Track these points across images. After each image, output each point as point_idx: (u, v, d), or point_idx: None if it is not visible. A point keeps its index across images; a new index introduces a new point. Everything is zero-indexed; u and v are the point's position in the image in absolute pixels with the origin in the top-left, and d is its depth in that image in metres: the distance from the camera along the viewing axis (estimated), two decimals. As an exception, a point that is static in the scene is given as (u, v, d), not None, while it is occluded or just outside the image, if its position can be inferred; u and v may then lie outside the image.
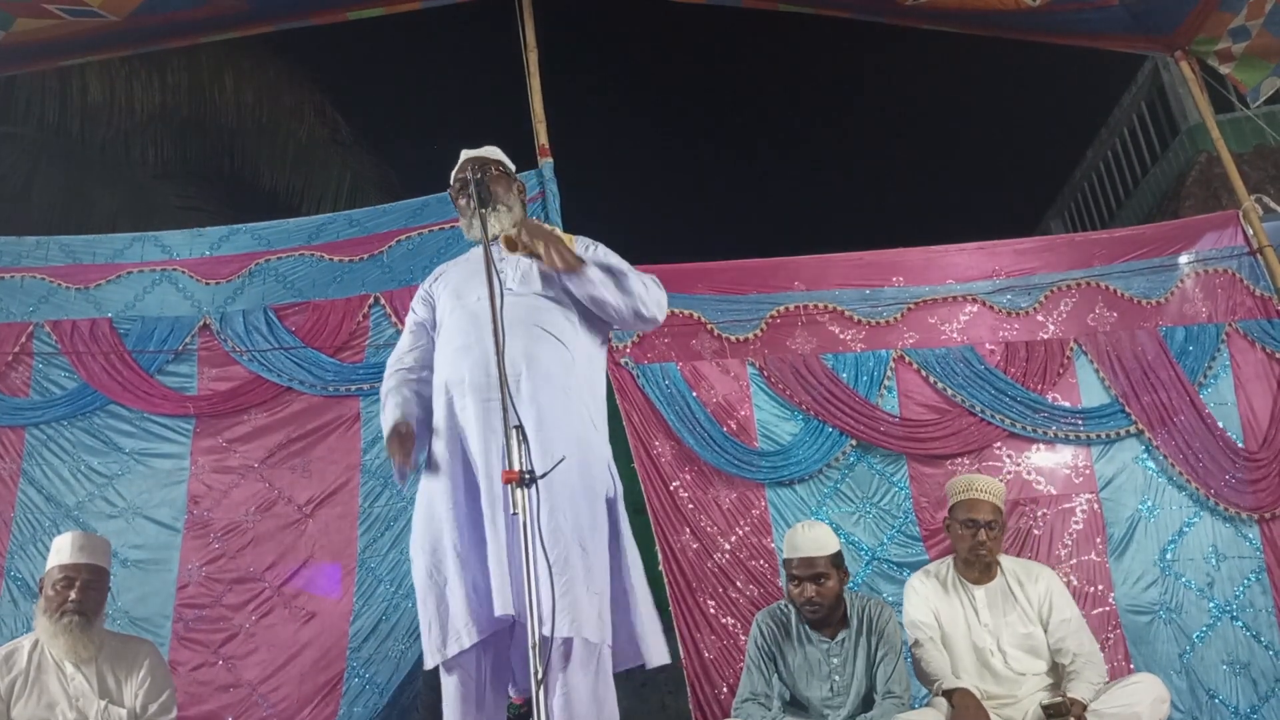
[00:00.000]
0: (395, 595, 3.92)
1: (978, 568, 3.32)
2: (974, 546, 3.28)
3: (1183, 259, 4.54)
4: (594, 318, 2.78)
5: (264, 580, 3.99)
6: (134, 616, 3.89)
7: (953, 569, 3.39)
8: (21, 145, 8.24)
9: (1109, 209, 12.43)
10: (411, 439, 2.63)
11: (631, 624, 2.55)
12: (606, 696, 2.46)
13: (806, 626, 3.22)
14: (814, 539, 3.19)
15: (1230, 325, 4.37)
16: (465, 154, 2.94)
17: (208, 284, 4.39)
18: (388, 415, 2.73)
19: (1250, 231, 4.54)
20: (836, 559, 3.19)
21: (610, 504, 2.60)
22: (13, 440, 4.13)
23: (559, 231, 2.87)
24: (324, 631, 3.91)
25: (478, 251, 2.83)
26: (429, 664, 2.54)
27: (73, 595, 2.99)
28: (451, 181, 2.91)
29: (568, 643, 2.36)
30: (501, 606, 2.34)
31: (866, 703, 3.13)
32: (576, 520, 2.44)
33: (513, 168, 2.96)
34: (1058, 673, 3.24)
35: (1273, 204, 4.71)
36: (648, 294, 2.73)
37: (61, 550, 3.07)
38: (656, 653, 2.56)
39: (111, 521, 4.02)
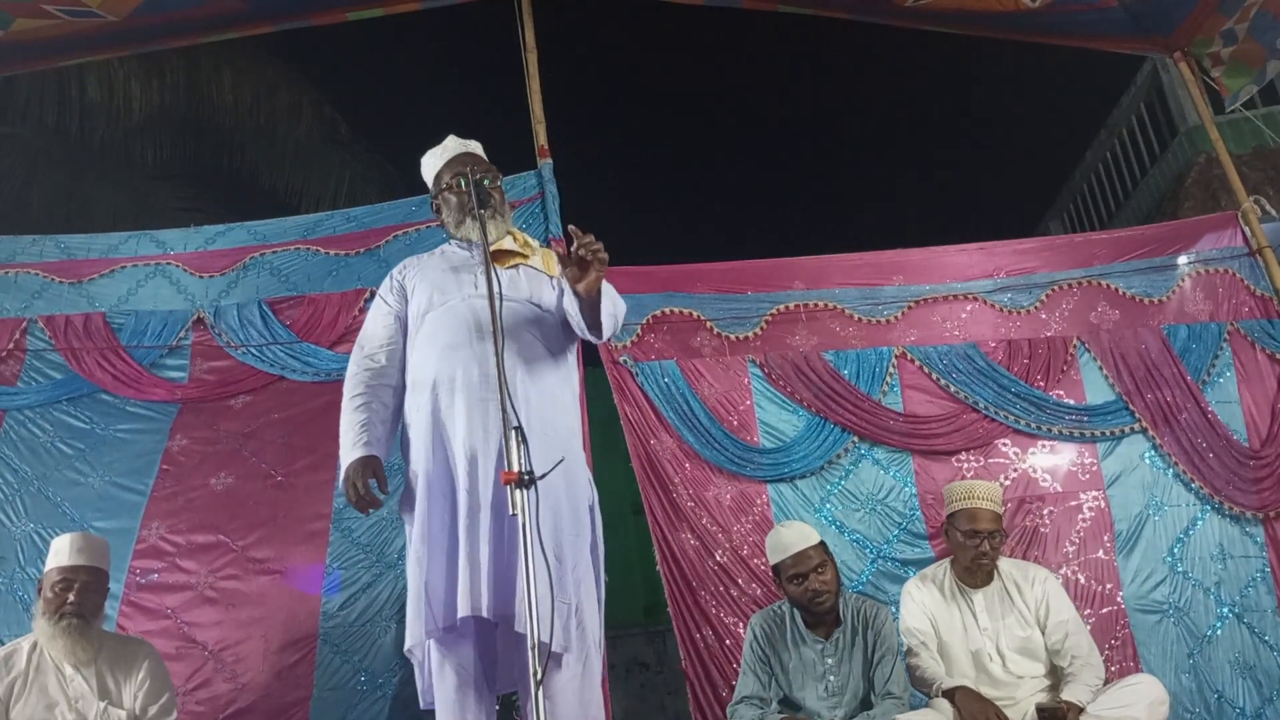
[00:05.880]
0: (377, 564, 3.81)
1: (979, 575, 3.32)
2: (976, 557, 3.27)
3: (1182, 259, 4.54)
4: (569, 327, 2.73)
5: (228, 539, 3.83)
6: None
7: (950, 573, 3.38)
8: (20, 145, 8.24)
9: (1108, 210, 12.44)
10: (378, 476, 2.56)
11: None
12: (592, 700, 2.47)
13: (802, 627, 3.22)
14: (799, 533, 3.24)
15: (1232, 324, 4.37)
16: (455, 144, 2.88)
17: (201, 277, 4.35)
18: (354, 431, 2.60)
19: (1249, 232, 4.55)
20: (824, 546, 3.23)
21: (591, 510, 2.63)
22: None
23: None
24: (292, 594, 3.75)
25: (451, 249, 2.82)
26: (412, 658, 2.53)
27: (71, 597, 2.98)
28: (448, 173, 2.81)
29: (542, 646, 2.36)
30: (465, 607, 2.33)
31: (864, 704, 3.11)
32: (556, 527, 2.44)
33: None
34: (1056, 674, 3.23)
35: (1270, 208, 4.71)
36: (619, 314, 2.70)
37: (60, 552, 3.06)
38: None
39: (76, 488, 3.92)
